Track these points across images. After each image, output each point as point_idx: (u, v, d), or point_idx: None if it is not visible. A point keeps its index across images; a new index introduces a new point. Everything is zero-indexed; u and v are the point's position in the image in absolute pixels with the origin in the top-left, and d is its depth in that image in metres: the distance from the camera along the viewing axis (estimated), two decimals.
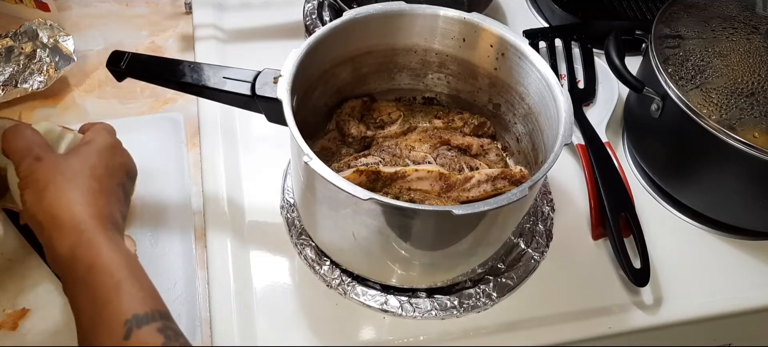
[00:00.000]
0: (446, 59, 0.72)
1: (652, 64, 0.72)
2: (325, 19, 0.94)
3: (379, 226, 0.56)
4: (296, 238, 0.69)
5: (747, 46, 0.73)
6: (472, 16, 0.67)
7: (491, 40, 0.67)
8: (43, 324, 0.63)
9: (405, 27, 0.69)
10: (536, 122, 0.66)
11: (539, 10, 1.01)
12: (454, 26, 0.68)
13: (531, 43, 0.89)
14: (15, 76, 0.81)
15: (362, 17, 0.66)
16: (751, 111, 0.67)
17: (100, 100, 0.84)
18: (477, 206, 0.52)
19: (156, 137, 0.79)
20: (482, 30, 0.67)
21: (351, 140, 0.71)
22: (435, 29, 0.69)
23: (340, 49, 0.68)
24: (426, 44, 0.71)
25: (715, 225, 0.75)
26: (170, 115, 0.82)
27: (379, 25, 0.68)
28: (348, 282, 0.66)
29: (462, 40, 0.69)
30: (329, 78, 0.70)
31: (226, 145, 0.77)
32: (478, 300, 0.66)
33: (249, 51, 0.90)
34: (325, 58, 0.67)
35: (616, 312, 0.67)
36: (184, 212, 0.72)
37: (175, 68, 0.63)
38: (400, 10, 0.68)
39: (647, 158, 0.79)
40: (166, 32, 0.94)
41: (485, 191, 0.64)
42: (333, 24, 0.65)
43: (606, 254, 0.72)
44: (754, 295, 0.70)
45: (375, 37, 0.69)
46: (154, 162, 0.75)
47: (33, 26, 0.85)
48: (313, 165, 0.53)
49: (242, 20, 0.94)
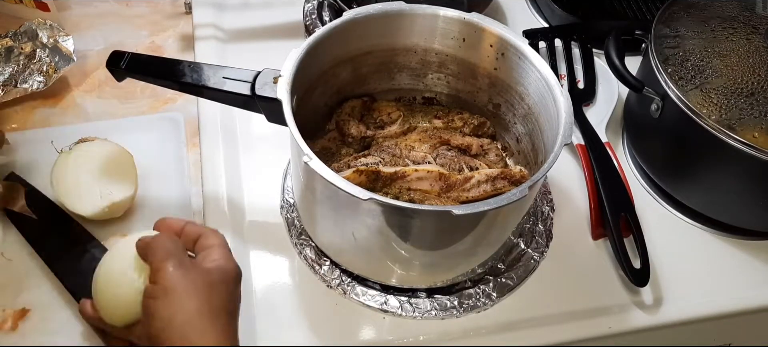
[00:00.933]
0: (446, 59, 0.72)
1: (652, 64, 0.72)
2: (325, 19, 0.94)
3: (379, 226, 0.56)
4: (296, 238, 0.69)
5: (747, 46, 0.73)
6: (472, 16, 0.67)
7: (491, 40, 0.67)
8: (43, 324, 0.63)
9: (405, 27, 0.69)
10: (536, 122, 0.66)
11: (539, 10, 1.01)
12: (454, 26, 0.68)
13: (531, 43, 0.88)
14: (15, 76, 0.81)
15: (362, 17, 0.66)
16: (750, 111, 0.67)
17: (100, 100, 0.84)
18: (477, 206, 0.52)
19: (156, 137, 0.79)
20: (482, 30, 0.67)
21: (351, 140, 0.71)
22: (435, 29, 0.69)
23: (340, 49, 0.68)
24: (426, 44, 0.71)
25: (715, 225, 0.75)
26: (170, 115, 0.82)
27: (378, 25, 0.68)
28: (348, 282, 0.66)
29: (462, 40, 0.69)
30: (329, 78, 0.70)
31: (226, 145, 0.77)
32: (478, 300, 0.66)
33: (249, 51, 0.90)
34: (325, 58, 0.67)
35: (616, 312, 0.68)
36: (184, 213, 0.72)
37: (175, 68, 0.63)
38: (400, 10, 0.68)
39: (647, 158, 0.79)
40: (166, 32, 0.94)
41: (485, 192, 0.64)
42: (333, 24, 0.65)
43: (606, 254, 0.72)
44: (754, 295, 0.70)
45: (375, 37, 0.69)
46: (154, 162, 0.75)
47: (33, 26, 0.85)
48: (313, 165, 0.53)
49: (242, 20, 0.94)
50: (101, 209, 0.68)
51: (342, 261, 0.66)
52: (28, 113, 0.81)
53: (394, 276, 0.64)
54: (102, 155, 0.71)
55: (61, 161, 0.70)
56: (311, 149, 0.54)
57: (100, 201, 0.68)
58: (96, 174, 0.69)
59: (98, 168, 0.70)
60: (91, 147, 0.71)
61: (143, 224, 0.71)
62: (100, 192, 0.69)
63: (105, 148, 0.72)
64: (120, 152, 0.72)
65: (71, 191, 0.68)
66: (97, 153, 0.71)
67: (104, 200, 0.68)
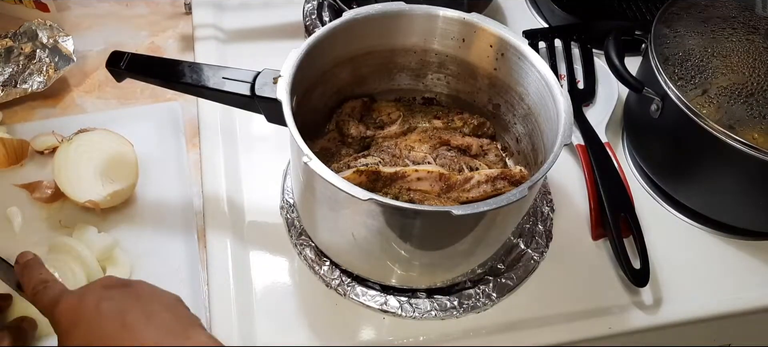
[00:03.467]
0: (446, 59, 0.72)
1: (652, 64, 0.72)
2: (325, 19, 0.94)
3: (379, 226, 0.56)
4: (296, 238, 0.69)
5: (747, 46, 0.73)
6: (472, 17, 0.67)
7: (491, 41, 0.67)
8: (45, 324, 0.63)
9: (404, 27, 0.69)
10: (536, 122, 0.66)
11: (539, 10, 1.01)
12: (454, 27, 0.68)
13: (531, 44, 0.88)
14: (15, 77, 0.81)
15: (362, 18, 0.66)
16: (750, 111, 0.67)
17: (100, 100, 0.84)
18: (476, 206, 0.52)
19: (154, 126, 0.79)
20: (481, 30, 0.67)
21: (351, 140, 0.71)
22: (434, 30, 0.69)
23: (340, 49, 0.68)
24: (425, 45, 0.71)
25: (714, 225, 0.75)
26: (168, 104, 0.83)
27: (378, 25, 0.68)
28: (348, 283, 0.66)
29: (461, 41, 0.69)
30: (329, 78, 0.70)
31: (226, 145, 0.77)
32: (478, 300, 0.66)
33: (249, 51, 0.90)
34: (325, 59, 0.67)
35: (616, 312, 0.68)
36: (185, 213, 0.72)
37: (174, 69, 0.63)
38: (400, 11, 0.68)
39: (647, 159, 0.79)
40: (166, 32, 0.94)
41: (485, 192, 0.64)
42: (332, 25, 0.65)
43: (606, 254, 0.72)
44: (754, 295, 0.70)
45: (374, 38, 0.69)
46: (153, 151, 0.75)
47: (32, 26, 0.85)
48: (312, 165, 0.53)
49: (242, 20, 0.94)
50: (103, 197, 0.69)
51: (342, 261, 0.66)
52: (28, 113, 0.81)
53: (394, 277, 0.64)
54: (103, 145, 0.72)
55: (62, 150, 0.71)
56: (311, 149, 0.54)
57: (102, 190, 0.69)
58: (97, 163, 0.71)
59: (99, 157, 0.71)
60: (91, 137, 0.73)
61: (144, 213, 0.72)
62: (102, 181, 0.70)
63: (105, 137, 0.73)
64: (120, 142, 0.73)
65: (73, 179, 0.69)
66: (97, 142, 0.73)
67: (105, 188, 0.70)
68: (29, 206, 0.71)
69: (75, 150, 0.71)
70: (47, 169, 0.74)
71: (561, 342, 0.65)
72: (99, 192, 0.69)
